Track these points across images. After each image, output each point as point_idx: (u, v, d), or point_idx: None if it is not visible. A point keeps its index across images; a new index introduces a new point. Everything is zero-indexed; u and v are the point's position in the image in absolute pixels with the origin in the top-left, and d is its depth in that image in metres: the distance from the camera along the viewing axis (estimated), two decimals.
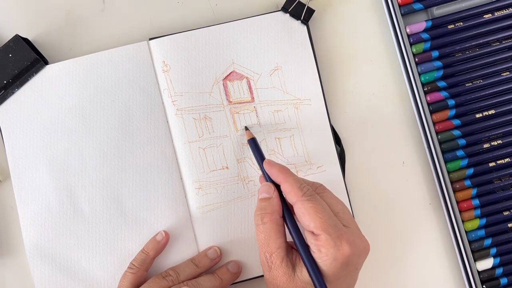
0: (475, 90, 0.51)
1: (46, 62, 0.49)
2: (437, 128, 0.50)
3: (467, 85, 0.51)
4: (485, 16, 0.51)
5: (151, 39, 0.50)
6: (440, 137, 0.50)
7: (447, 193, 0.50)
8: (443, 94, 0.50)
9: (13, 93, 0.48)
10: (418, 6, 0.51)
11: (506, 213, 0.50)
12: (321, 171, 0.50)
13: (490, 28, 0.51)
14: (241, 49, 0.50)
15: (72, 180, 0.48)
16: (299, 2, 0.50)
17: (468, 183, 0.50)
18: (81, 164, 0.48)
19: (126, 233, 0.48)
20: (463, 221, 0.50)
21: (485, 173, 0.50)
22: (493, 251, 0.50)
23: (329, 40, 0.52)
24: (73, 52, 0.51)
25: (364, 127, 0.52)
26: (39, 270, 0.48)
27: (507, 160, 0.51)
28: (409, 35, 0.51)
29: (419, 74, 0.51)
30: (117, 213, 0.48)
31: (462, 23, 0.51)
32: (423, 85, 0.51)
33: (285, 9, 0.50)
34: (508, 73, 0.51)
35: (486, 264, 0.50)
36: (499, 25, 0.51)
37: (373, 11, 0.53)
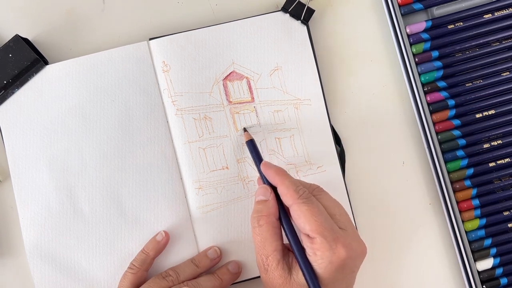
0: (475, 90, 0.51)
1: (46, 62, 0.49)
2: (437, 128, 0.50)
3: (467, 85, 0.51)
4: (485, 16, 0.51)
5: (151, 39, 0.50)
6: (440, 137, 0.50)
7: (447, 193, 0.50)
8: (443, 94, 0.50)
9: (13, 93, 0.48)
10: (418, 6, 0.51)
11: (506, 213, 0.50)
12: (321, 171, 0.50)
13: (490, 28, 0.51)
14: (241, 49, 0.50)
15: (72, 180, 0.48)
16: (299, 2, 0.50)
17: (468, 183, 0.50)
18: (81, 164, 0.48)
19: (126, 233, 0.48)
20: (463, 221, 0.50)
21: (485, 173, 0.50)
22: (493, 251, 0.50)
23: (329, 40, 0.52)
24: (73, 52, 0.51)
25: (364, 127, 0.52)
26: (39, 270, 0.48)
27: (507, 160, 0.51)
28: (409, 35, 0.51)
29: (419, 74, 0.51)
30: (117, 213, 0.48)
31: (462, 23, 0.51)
32: (423, 85, 0.51)
33: (285, 9, 0.50)
34: (508, 73, 0.51)
35: (486, 264, 0.50)
36: (499, 25, 0.51)
37: (373, 11, 0.53)
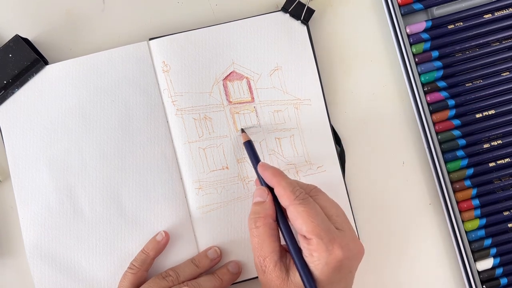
0: (475, 90, 0.51)
1: (46, 62, 0.49)
2: (437, 128, 0.50)
3: (467, 85, 0.51)
4: (485, 16, 0.51)
5: (151, 39, 0.50)
6: (440, 137, 0.50)
7: (447, 193, 0.50)
8: (443, 94, 0.50)
9: (13, 93, 0.48)
10: (418, 6, 0.51)
11: (506, 213, 0.50)
12: (321, 171, 0.50)
13: (490, 28, 0.51)
14: (241, 49, 0.50)
15: (72, 180, 0.48)
16: (299, 2, 0.50)
17: (468, 183, 0.50)
18: (81, 164, 0.48)
19: (126, 233, 0.48)
20: (463, 221, 0.50)
21: (485, 173, 0.50)
22: (493, 251, 0.50)
23: (329, 40, 0.52)
24: (73, 52, 0.51)
25: (364, 127, 0.52)
26: (39, 270, 0.48)
27: (507, 160, 0.51)
28: (409, 35, 0.51)
29: (419, 74, 0.51)
30: (117, 213, 0.48)
31: (462, 23, 0.51)
32: (423, 85, 0.51)
33: (285, 9, 0.50)
34: (508, 73, 0.51)
35: (486, 264, 0.50)
36: (499, 25, 0.51)
37: (373, 11, 0.53)
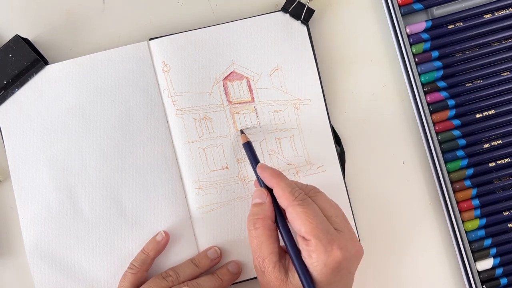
0: (475, 90, 0.51)
1: (46, 62, 0.49)
2: (437, 128, 0.50)
3: (467, 85, 0.51)
4: (485, 16, 0.51)
5: (151, 39, 0.50)
6: (440, 137, 0.50)
7: (447, 193, 0.50)
8: (443, 94, 0.50)
9: (13, 93, 0.48)
10: (418, 6, 0.51)
11: (506, 213, 0.50)
12: (321, 171, 0.50)
13: (490, 28, 0.51)
14: (241, 49, 0.50)
15: (72, 180, 0.48)
16: (299, 2, 0.50)
17: (468, 183, 0.50)
18: (81, 164, 0.48)
19: (126, 233, 0.48)
20: (463, 221, 0.50)
21: (485, 173, 0.50)
22: (493, 251, 0.50)
23: (329, 40, 0.52)
24: (73, 52, 0.51)
25: (364, 127, 0.52)
26: (39, 270, 0.48)
27: (507, 160, 0.51)
28: (409, 35, 0.51)
29: (419, 74, 0.51)
30: (117, 213, 0.48)
31: (462, 23, 0.51)
32: (423, 85, 0.51)
33: (285, 9, 0.50)
34: (508, 73, 0.51)
35: (486, 264, 0.50)
36: (499, 25, 0.51)
37: (373, 11, 0.53)
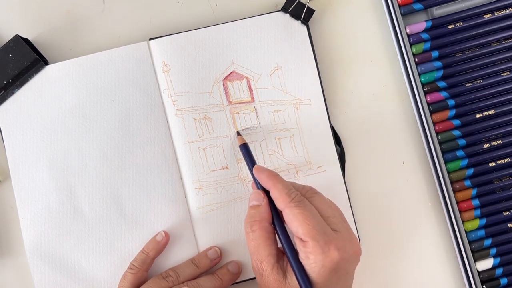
0: (475, 90, 0.51)
1: (46, 62, 0.49)
2: (437, 128, 0.50)
3: (467, 85, 0.51)
4: (485, 16, 0.51)
5: (151, 39, 0.50)
6: (440, 137, 0.50)
7: (447, 193, 0.50)
8: (443, 94, 0.50)
9: (13, 93, 0.48)
10: (418, 6, 0.51)
11: (506, 213, 0.50)
12: (321, 171, 0.50)
13: (490, 28, 0.51)
14: (241, 49, 0.50)
15: (72, 180, 0.48)
16: (299, 2, 0.50)
17: (468, 183, 0.50)
18: (81, 164, 0.48)
19: (126, 233, 0.48)
20: (463, 221, 0.50)
21: (485, 173, 0.50)
22: (493, 251, 0.50)
23: (329, 40, 0.52)
24: (73, 52, 0.50)
25: (364, 127, 0.52)
26: (39, 270, 0.48)
27: (507, 160, 0.51)
28: (409, 35, 0.51)
29: (419, 74, 0.51)
30: (117, 213, 0.48)
31: (462, 23, 0.51)
32: (423, 85, 0.51)
33: (285, 9, 0.50)
34: (508, 73, 0.51)
35: (486, 264, 0.50)
36: (499, 25, 0.51)
37: (373, 11, 0.53)
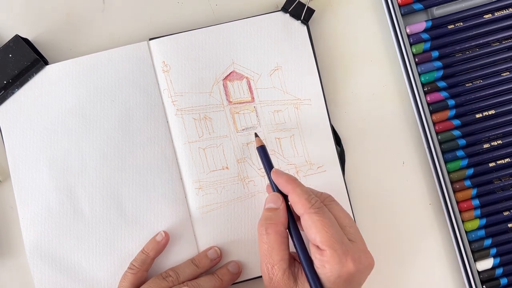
0: (475, 90, 0.51)
1: (46, 62, 0.49)
2: (437, 128, 0.50)
3: (467, 85, 0.51)
4: (485, 16, 0.51)
5: (151, 39, 0.50)
6: (440, 137, 0.50)
7: (447, 193, 0.50)
8: (443, 94, 0.50)
9: (13, 93, 0.48)
10: (418, 6, 0.51)
11: (506, 213, 0.50)
12: (321, 171, 0.50)
13: (490, 28, 0.51)
14: (241, 49, 0.50)
15: (72, 180, 0.48)
16: (299, 2, 0.50)
17: (468, 183, 0.50)
18: (81, 164, 0.48)
19: (126, 233, 0.48)
20: (463, 221, 0.50)
21: (485, 173, 0.50)
22: (493, 251, 0.50)
23: (329, 40, 0.52)
24: (73, 52, 0.50)
25: (364, 127, 0.52)
26: (39, 270, 0.48)
27: (507, 160, 0.51)
28: (409, 35, 0.51)
29: (419, 74, 0.51)
30: (117, 213, 0.48)
31: (462, 23, 0.51)
32: (423, 85, 0.51)
33: (285, 9, 0.50)
34: (508, 73, 0.51)
35: (486, 264, 0.50)
36: (499, 25, 0.51)
37: (373, 11, 0.53)
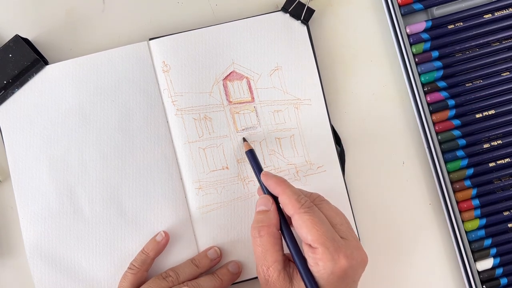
0: (475, 90, 0.51)
1: (46, 62, 0.49)
2: (437, 128, 0.50)
3: (467, 85, 0.51)
4: (485, 16, 0.51)
5: (151, 39, 0.50)
6: (440, 137, 0.50)
7: (447, 193, 0.50)
8: (443, 94, 0.50)
9: (13, 93, 0.48)
10: (418, 6, 0.51)
11: (506, 213, 0.50)
12: (321, 171, 0.50)
13: (490, 28, 0.51)
14: (241, 49, 0.50)
15: (72, 180, 0.48)
16: (299, 2, 0.50)
17: (468, 183, 0.50)
18: (81, 164, 0.48)
19: (126, 233, 0.48)
20: (463, 221, 0.50)
21: (485, 173, 0.50)
22: (493, 251, 0.50)
23: (329, 40, 0.52)
24: (73, 52, 0.50)
25: (364, 127, 0.52)
26: (39, 270, 0.48)
27: (507, 160, 0.51)
28: (409, 35, 0.51)
29: (419, 74, 0.51)
30: (117, 213, 0.48)
31: (462, 23, 0.51)
32: (423, 85, 0.51)
33: (285, 9, 0.50)
34: (508, 73, 0.51)
35: (486, 264, 0.50)
36: (499, 25, 0.51)
37: (373, 11, 0.53)
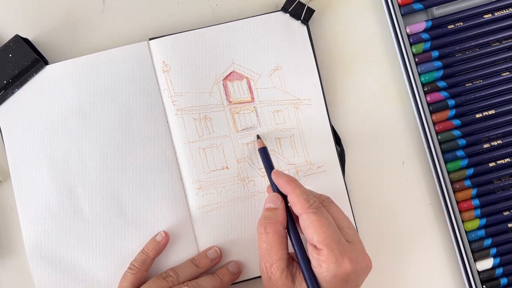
0: (475, 90, 0.51)
1: (46, 62, 0.49)
2: (437, 128, 0.50)
3: (467, 85, 0.51)
4: (485, 16, 0.51)
5: (151, 39, 0.50)
6: (440, 137, 0.50)
7: (447, 193, 0.50)
8: (443, 94, 0.50)
9: (13, 93, 0.48)
10: (418, 6, 0.51)
11: (506, 213, 0.50)
12: (321, 171, 0.50)
13: (490, 28, 0.51)
14: (241, 49, 0.50)
15: (72, 180, 0.48)
16: (299, 2, 0.50)
17: (468, 183, 0.50)
18: (81, 164, 0.48)
19: (126, 233, 0.48)
20: (463, 221, 0.50)
21: (485, 173, 0.50)
22: (493, 251, 0.50)
23: (329, 40, 0.52)
24: (73, 52, 0.50)
25: (364, 127, 0.52)
26: (39, 270, 0.48)
27: (507, 160, 0.51)
28: (409, 35, 0.51)
29: (419, 74, 0.51)
30: (117, 213, 0.48)
31: (462, 23, 0.51)
32: (423, 85, 0.51)
33: (285, 9, 0.50)
34: (508, 73, 0.51)
35: (486, 264, 0.50)
36: (499, 25, 0.51)
37: (373, 11, 0.53)
